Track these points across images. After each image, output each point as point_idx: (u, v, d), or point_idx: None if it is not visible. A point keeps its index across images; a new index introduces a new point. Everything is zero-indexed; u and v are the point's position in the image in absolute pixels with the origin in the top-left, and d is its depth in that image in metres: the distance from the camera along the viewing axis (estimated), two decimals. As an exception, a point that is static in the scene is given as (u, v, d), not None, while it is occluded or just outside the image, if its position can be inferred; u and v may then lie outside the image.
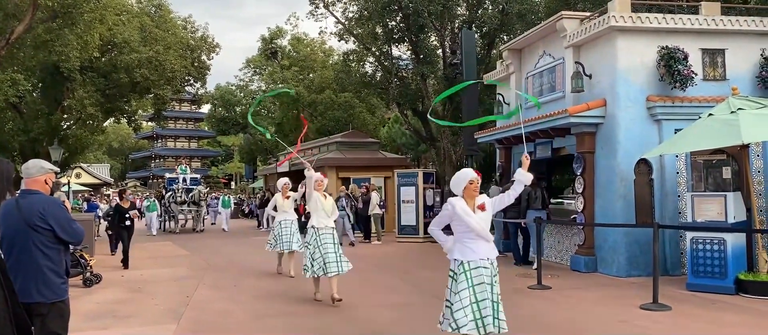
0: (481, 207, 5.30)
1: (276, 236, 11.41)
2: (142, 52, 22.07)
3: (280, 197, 11.56)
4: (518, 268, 11.97)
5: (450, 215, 5.28)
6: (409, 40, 24.14)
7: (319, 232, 8.54)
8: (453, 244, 5.33)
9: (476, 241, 5.20)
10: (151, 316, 8.21)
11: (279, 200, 11.56)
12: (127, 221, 13.39)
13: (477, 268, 5.15)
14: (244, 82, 45.03)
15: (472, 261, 5.15)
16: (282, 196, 11.57)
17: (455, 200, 5.29)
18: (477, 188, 5.34)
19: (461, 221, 5.20)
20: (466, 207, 5.23)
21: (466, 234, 5.22)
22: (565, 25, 12.10)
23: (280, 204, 11.52)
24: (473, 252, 5.18)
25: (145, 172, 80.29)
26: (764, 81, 10.93)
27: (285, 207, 11.46)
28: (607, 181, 11.04)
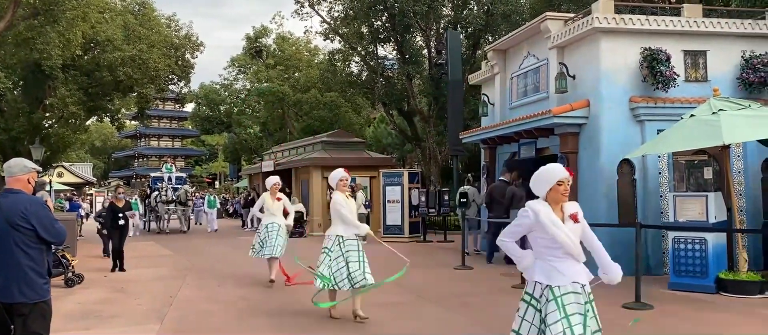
0: (573, 217, 4.14)
1: (262, 241, 10.23)
2: (125, 50, 21.88)
3: (269, 198, 10.37)
4: (501, 267, 12.02)
5: (530, 225, 4.11)
6: (395, 40, 24.20)
7: (344, 241, 7.38)
8: (532, 262, 4.19)
9: (565, 260, 4.07)
10: (134, 316, 8.15)
11: (267, 201, 10.37)
12: (120, 220, 12.69)
13: (567, 294, 4.00)
14: (228, 81, 44.83)
15: (562, 285, 4.01)
16: (271, 196, 10.39)
17: (538, 206, 4.11)
18: (567, 191, 4.17)
19: (545, 234, 4.06)
20: (553, 216, 4.08)
21: (551, 251, 4.07)
22: (550, 27, 12.18)
23: (268, 205, 10.35)
24: (561, 274, 4.04)
25: (129, 171, 79.66)
26: (745, 82, 11.08)
27: (273, 209, 10.33)
28: (591, 181, 11.13)
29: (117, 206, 12.91)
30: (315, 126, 34.08)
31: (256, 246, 10.34)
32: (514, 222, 4.25)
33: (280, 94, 35.94)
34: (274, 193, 10.39)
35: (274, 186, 10.40)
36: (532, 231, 4.12)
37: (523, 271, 4.29)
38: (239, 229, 26.31)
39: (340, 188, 7.57)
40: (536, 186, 4.25)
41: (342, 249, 7.32)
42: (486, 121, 15.59)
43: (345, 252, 7.30)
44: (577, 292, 4.04)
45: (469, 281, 10.58)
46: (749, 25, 11.35)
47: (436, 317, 7.85)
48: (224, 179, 66.39)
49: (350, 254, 7.30)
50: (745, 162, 10.50)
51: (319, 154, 22.28)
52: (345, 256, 7.29)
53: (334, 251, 7.36)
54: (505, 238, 4.30)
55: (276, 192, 10.42)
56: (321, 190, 21.37)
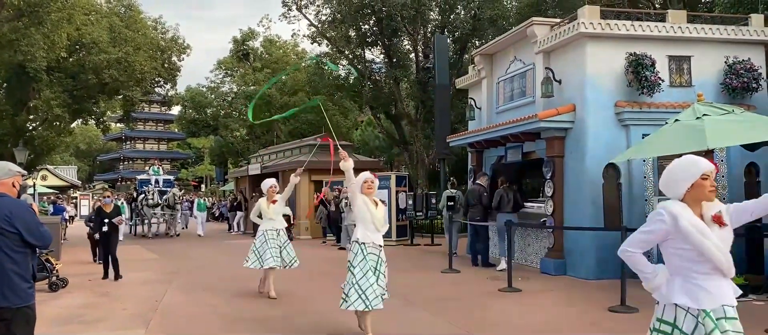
0: (718, 220, 3.26)
1: (258, 249, 9.45)
2: (111, 52, 21.72)
3: (265, 202, 9.62)
4: (487, 270, 12.07)
5: (666, 231, 3.22)
6: (382, 43, 24.25)
7: (367, 250, 6.60)
8: (665, 279, 3.33)
9: (712, 277, 3.20)
10: (118, 321, 8.09)
11: (263, 206, 9.63)
12: (104, 226, 11.82)
13: (720, 320, 3.16)
14: (215, 84, 44.63)
15: (714, 309, 3.16)
16: (268, 200, 9.63)
17: (677, 208, 3.22)
18: (713, 188, 3.36)
19: (687, 244, 3.19)
20: (697, 221, 3.20)
21: (695, 265, 3.20)
22: (536, 32, 12.26)
23: (265, 210, 9.60)
24: (710, 294, 3.17)
25: (114, 174, 79.05)
26: (728, 88, 11.20)
27: (271, 214, 9.56)
28: (576, 185, 11.20)
29: (104, 212, 12.08)
30: (302, 129, 34.03)
31: (251, 256, 9.48)
32: (644, 228, 3.33)
33: (267, 97, 35.83)
34: (271, 196, 9.66)
35: (270, 189, 9.67)
36: (668, 239, 3.26)
37: (652, 290, 3.43)
38: (225, 233, 26.18)
39: (365, 191, 6.67)
40: (671, 185, 3.37)
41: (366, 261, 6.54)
42: (473, 125, 15.65)
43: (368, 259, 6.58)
44: (731, 317, 3.22)
45: (456, 284, 10.61)
46: (732, 31, 11.49)
47: (422, 321, 7.86)
48: (210, 183, 66.08)
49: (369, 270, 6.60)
50: (728, 166, 10.61)
51: (306, 157, 22.23)
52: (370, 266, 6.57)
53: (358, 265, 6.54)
54: (631, 248, 3.39)
55: (273, 195, 9.66)
56: (308, 193, 21.32)
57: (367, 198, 6.63)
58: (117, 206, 12.57)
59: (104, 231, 11.90)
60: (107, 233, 11.95)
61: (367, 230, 6.57)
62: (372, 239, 6.59)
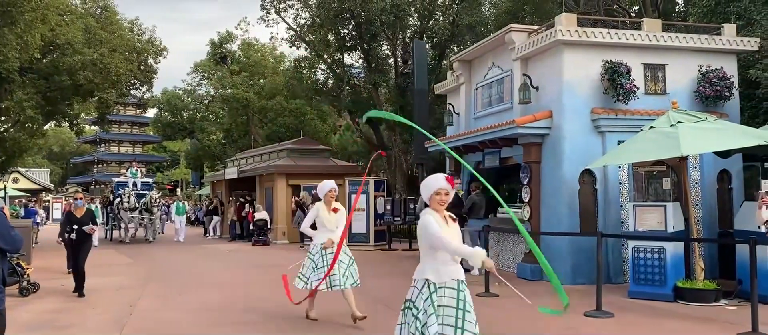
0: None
1: (314, 265, 7.71)
2: (86, 54, 21.40)
3: (324, 208, 7.76)
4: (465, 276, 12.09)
5: None
6: (361, 48, 24.25)
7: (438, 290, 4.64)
8: None
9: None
10: (92, 326, 7.96)
11: (324, 214, 7.73)
12: (72, 233, 10.26)
13: None
14: (191, 87, 44.24)
15: None
16: (326, 206, 7.78)
17: None
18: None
19: None
20: None
21: None
22: (514, 38, 12.36)
23: (325, 219, 7.70)
24: None
25: (87, 177, 77.86)
26: (701, 96, 11.40)
27: (332, 224, 7.67)
28: (553, 190, 11.29)
29: (75, 217, 10.40)
30: (280, 133, 33.86)
31: (307, 274, 7.74)
32: None
33: (245, 100, 35.63)
34: (330, 202, 7.81)
35: (330, 193, 7.81)
36: None
37: None
38: (201, 237, 25.93)
39: (435, 205, 4.68)
40: None
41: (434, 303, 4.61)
42: (451, 130, 15.71)
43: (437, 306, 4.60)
44: None
45: (434, 289, 10.59)
46: (706, 40, 11.70)
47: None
48: (186, 186, 65.42)
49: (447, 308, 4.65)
50: (701, 173, 10.79)
51: (284, 161, 22.14)
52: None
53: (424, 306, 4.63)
54: None
55: (332, 201, 7.83)
56: (285, 198, 21.22)
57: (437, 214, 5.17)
58: (90, 211, 10.78)
59: (73, 239, 10.31)
60: (77, 241, 10.28)
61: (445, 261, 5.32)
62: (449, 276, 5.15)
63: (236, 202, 23.47)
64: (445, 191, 4.59)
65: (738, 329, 7.05)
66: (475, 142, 13.13)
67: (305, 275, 7.77)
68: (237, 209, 23.20)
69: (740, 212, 9.66)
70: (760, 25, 13.18)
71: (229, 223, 24.31)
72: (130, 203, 21.67)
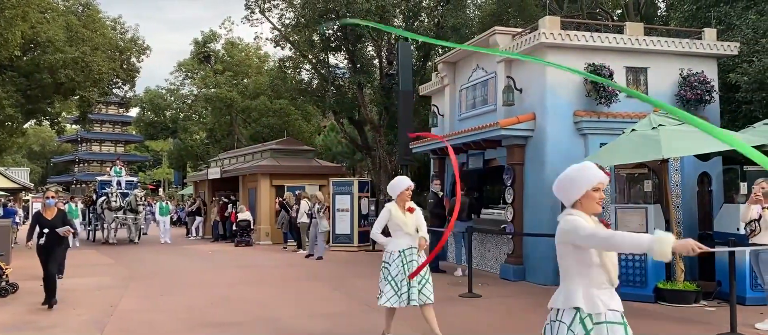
0: None
1: (395, 278, 6.40)
2: (67, 52, 21.17)
3: (397, 208, 6.52)
4: (448, 276, 12.14)
5: None
6: (346, 48, 24.23)
7: None
8: None
9: None
10: (72, 327, 7.88)
11: (398, 215, 6.48)
12: (41, 238, 9.01)
13: None
14: (174, 86, 43.94)
15: None
16: (399, 206, 6.54)
17: None
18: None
19: None
20: None
21: None
22: (498, 41, 12.42)
23: (400, 220, 6.47)
24: None
25: (68, 176, 77.04)
26: (682, 99, 11.53)
27: (409, 227, 6.45)
28: (536, 192, 11.36)
29: (44, 218, 9.18)
30: (264, 133, 33.73)
31: (388, 289, 6.43)
32: None
33: (228, 100, 35.44)
34: (404, 201, 6.57)
35: (405, 192, 6.56)
36: None
37: None
38: (184, 237, 25.75)
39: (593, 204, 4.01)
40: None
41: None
42: (436, 131, 15.75)
43: None
44: None
45: (417, 290, 10.62)
46: (687, 44, 11.84)
47: (383, 326, 7.84)
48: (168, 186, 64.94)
49: None
50: (682, 176, 10.91)
51: (268, 161, 22.06)
52: None
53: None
54: None
55: (408, 199, 6.61)
56: (269, 198, 21.13)
57: None
58: (62, 212, 9.55)
59: (41, 244, 9.02)
60: (47, 246, 9.05)
61: None
62: None
63: (219, 202, 23.33)
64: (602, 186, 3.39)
65: (717, 329, 7.14)
66: (459, 143, 13.17)
67: (382, 289, 6.52)
68: (220, 210, 23.07)
69: (720, 215, 9.79)
70: (739, 29, 13.37)
71: (211, 223, 24.16)
72: (116, 203, 20.98)
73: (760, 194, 7.53)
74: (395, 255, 6.45)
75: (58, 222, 9.18)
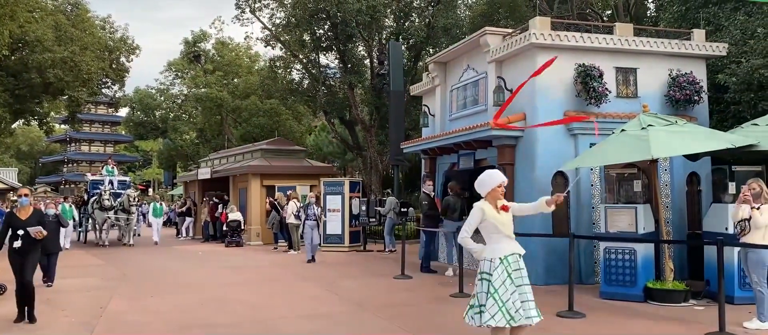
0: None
1: (501, 297, 5.40)
2: (56, 51, 21.05)
3: (490, 207, 5.62)
4: (439, 277, 12.15)
5: None
6: (337, 48, 24.21)
7: None
8: None
9: None
10: (61, 329, 7.82)
11: (492, 214, 5.59)
12: (16, 240, 8.06)
13: None
14: (164, 86, 43.75)
15: None
16: (492, 204, 5.64)
17: None
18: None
19: None
20: None
21: None
22: (489, 41, 12.44)
23: (495, 220, 5.58)
24: None
25: (57, 177, 76.51)
26: (671, 99, 11.59)
27: (506, 228, 5.63)
28: (526, 192, 11.37)
29: (18, 219, 8.18)
30: (254, 133, 33.64)
31: (494, 309, 5.36)
32: None
33: (219, 100, 35.33)
34: (496, 199, 5.66)
35: (498, 189, 5.66)
36: None
37: None
38: (174, 238, 25.63)
39: None
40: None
41: None
42: (427, 131, 15.77)
43: None
44: None
45: (408, 290, 10.64)
46: (676, 44, 11.90)
47: (375, 326, 7.85)
48: (158, 187, 64.63)
49: None
50: (671, 176, 10.97)
51: (259, 162, 21.99)
52: None
53: None
54: None
55: (501, 197, 5.70)
56: (259, 198, 21.07)
57: None
58: (38, 212, 8.57)
59: (15, 248, 8.08)
60: (22, 251, 8.06)
61: None
62: None
63: (210, 202, 23.25)
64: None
65: (706, 328, 7.18)
66: (450, 143, 13.18)
67: (481, 303, 5.48)
68: (210, 210, 22.98)
69: (708, 214, 9.85)
70: (728, 30, 13.47)
71: (202, 224, 24.06)
72: (107, 203, 20.18)
73: (749, 194, 7.57)
74: (496, 263, 5.48)
75: (33, 223, 8.12)
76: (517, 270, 5.50)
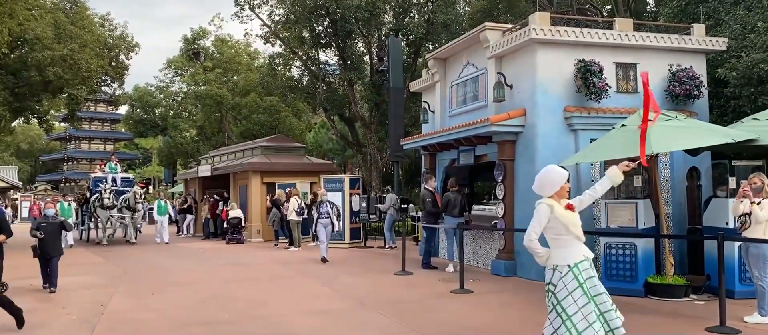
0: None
1: (582, 309, 4.83)
2: (55, 49, 20.99)
3: (558, 205, 5.24)
4: (440, 273, 12.16)
5: None
6: (336, 45, 24.21)
7: None
8: None
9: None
10: (62, 326, 7.83)
11: (560, 212, 5.18)
12: None
13: None
14: (164, 84, 43.74)
15: None
16: (559, 200, 5.29)
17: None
18: None
19: None
20: None
21: None
22: (488, 37, 12.43)
23: (566, 219, 5.16)
24: None
25: (57, 175, 76.46)
26: (671, 94, 11.58)
27: (577, 228, 5.16)
28: (527, 188, 11.34)
29: None
30: (254, 131, 33.65)
31: (577, 324, 4.79)
32: None
33: (218, 97, 35.32)
34: (562, 198, 5.29)
35: (565, 185, 5.33)
36: None
37: None
38: (175, 235, 25.64)
39: None
40: None
41: None
42: (426, 128, 15.76)
43: None
44: None
45: (409, 286, 10.65)
46: (676, 39, 11.88)
47: (376, 323, 7.86)
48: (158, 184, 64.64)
49: None
50: (672, 171, 10.96)
51: (259, 159, 21.99)
52: None
53: None
54: None
55: (566, 196, 5.34)
56: (260, 195, 21.08)
57: None
58: None
59: None
60: None
61: None
62: None
63: (210, 200, 23.25)
64: None
65: (706, 323, 7.19)
66: (450, 140, 13.18)
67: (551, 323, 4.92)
68: (211, 207, 22.99)
69: (709, 209, 9.85)
70: (728, 25, 13.45)
71: (202, 221, 24.07)
72: (109, 201, 19.65)
73: (749, 189, 7.58)
74: (563, 270, 4.89)
75: None
76: (591, 278, 4.85)
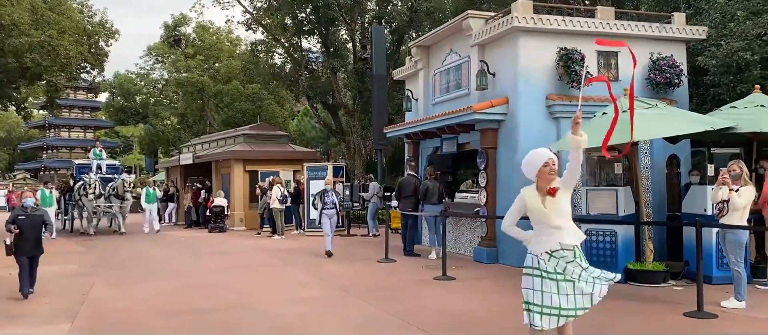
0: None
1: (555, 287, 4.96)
2: (33, 35, 20.67)
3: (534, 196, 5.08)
4: (423, 260, 12.22)
5: None
6: (319, 32, 24.09)
7: None
8: None
9: None
10: (42, 315, 7.76)
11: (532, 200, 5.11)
12: None
13: None
14: (145, 71, 43.26)
15: None
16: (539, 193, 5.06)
17: None
18: None
19: None
20: None
21: None
22: (471, 25, 12.43)
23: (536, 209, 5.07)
24: None
25: (36, 163, 75.49)
26: (652, 83, 11.68)
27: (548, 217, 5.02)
28: (509, 175, 11.44)
29: None
30: (236, 118, 33.44)
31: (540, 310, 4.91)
32: None
33: (200, 84, 35.02)
34: (547, 181, 4.95)
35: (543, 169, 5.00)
36: None
37: None
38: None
39: None
40: None
41: None
42: (410, 116, 15.77)
43: None
44: None
45: (392, 273, 10.70)
46: (657, 28, 11.98)
47: (359, 310, 7.89)
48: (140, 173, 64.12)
49: None
50: (652, 158, 11.08)
51: (241, 147, 21.87)
52: None
53: None
54: None
55: (551, 179, 4.95)
56: (242, 184, 20.99)
57: None
58: None
59: None
60: None
61: None
62: None
63: (193, 188, 23.09)
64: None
65: (685, 308, 7.31)
66: (433, 128, 13.20)
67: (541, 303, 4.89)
68: (194, 196, 22.84)
69: (687, 196, 9.98)
70: (708, 14, 13.57)
71: (185, 210, 23.92)
72: (93, 190, 18.70)
73: (727, 177, 7.69)
74: (535, 260, 5.03)
75: None
76: (571, 262, 4.82)
